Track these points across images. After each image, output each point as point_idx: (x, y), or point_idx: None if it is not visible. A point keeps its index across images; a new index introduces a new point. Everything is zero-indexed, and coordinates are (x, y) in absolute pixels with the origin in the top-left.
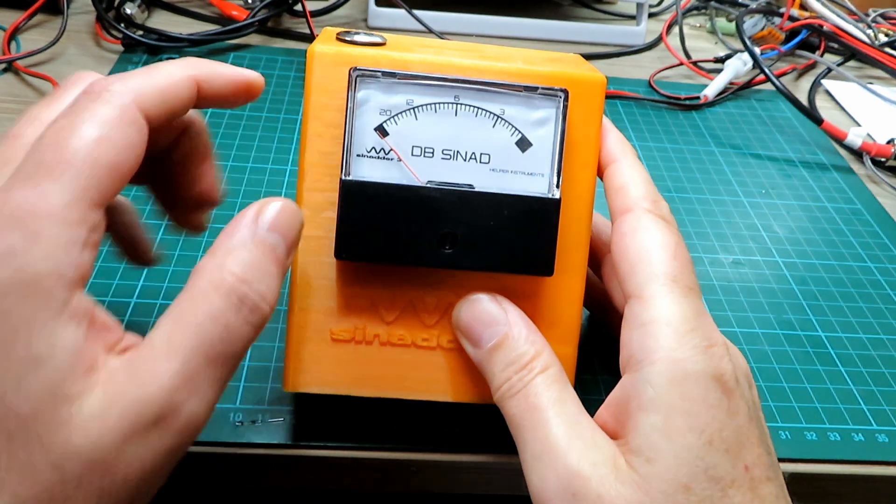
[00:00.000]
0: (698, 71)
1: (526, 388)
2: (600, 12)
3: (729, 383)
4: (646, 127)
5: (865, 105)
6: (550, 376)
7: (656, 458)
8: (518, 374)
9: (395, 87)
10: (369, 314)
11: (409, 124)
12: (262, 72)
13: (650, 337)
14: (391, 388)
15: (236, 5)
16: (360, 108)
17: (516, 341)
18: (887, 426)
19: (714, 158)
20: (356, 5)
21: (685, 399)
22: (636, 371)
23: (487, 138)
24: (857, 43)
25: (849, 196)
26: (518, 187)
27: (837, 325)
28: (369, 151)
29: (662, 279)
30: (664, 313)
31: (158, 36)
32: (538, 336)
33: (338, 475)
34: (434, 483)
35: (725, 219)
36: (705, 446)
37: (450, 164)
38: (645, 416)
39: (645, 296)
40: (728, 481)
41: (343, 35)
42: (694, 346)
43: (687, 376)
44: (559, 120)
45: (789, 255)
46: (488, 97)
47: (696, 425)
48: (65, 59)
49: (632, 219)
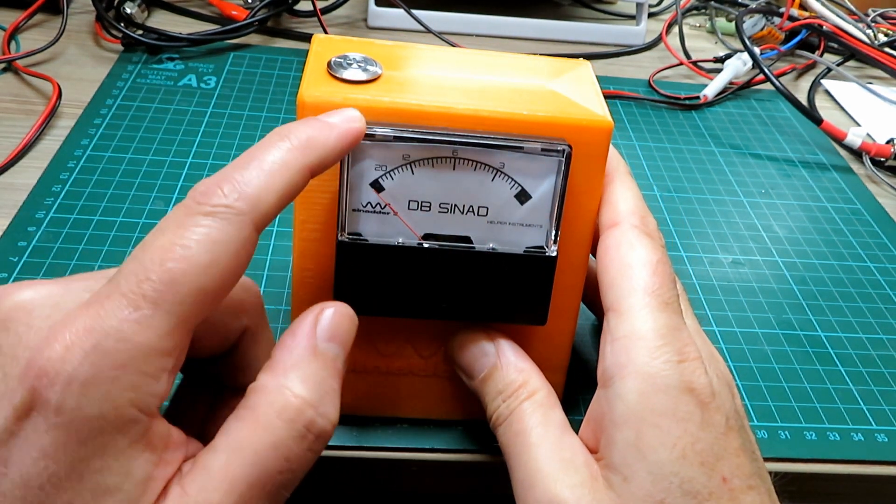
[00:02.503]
0: (698, 71)
1: (512, 415)
2: (600, 12)
3: (702, 395)
4: (646, 127)
5: (865, 105)
6: (536, 401)
7: (631, 475)
8: (506, 402)
9: (391, 144)
10: (367, 349)
11: (406, 178)
12: (261, 72)
13: (623, 352)
14: (389, 409)
15: (236, 5)
16: (355, 164)
17: (505, 371)
18: (887, 426)
19: (714, 158)
20: (356, 5)
21: (655, 413)
22: (609, 386)
23: (486, 191)
24: (857, 43)
25: (848, 196)
26: (515, 240)
27: (837, 325)
28: (365, 206)
29: (640, 293)
30: (638, 328)
31: (158, 35)
32: (527, 364)
33: (338, 475)
34: (434, 483)
35: (725, 219)
36: (678, 460)
37: (447, 217)
38: (618, 432)
39: (621, 309)
40: (705, 494)
41: (335, 69)
42: (665, 360)
43: (657, 390)
44: (560, 175)
45: (789, 255)
46: (488, 152)
47: (667, 440)
48: (65, 59)
49: (618, 233)
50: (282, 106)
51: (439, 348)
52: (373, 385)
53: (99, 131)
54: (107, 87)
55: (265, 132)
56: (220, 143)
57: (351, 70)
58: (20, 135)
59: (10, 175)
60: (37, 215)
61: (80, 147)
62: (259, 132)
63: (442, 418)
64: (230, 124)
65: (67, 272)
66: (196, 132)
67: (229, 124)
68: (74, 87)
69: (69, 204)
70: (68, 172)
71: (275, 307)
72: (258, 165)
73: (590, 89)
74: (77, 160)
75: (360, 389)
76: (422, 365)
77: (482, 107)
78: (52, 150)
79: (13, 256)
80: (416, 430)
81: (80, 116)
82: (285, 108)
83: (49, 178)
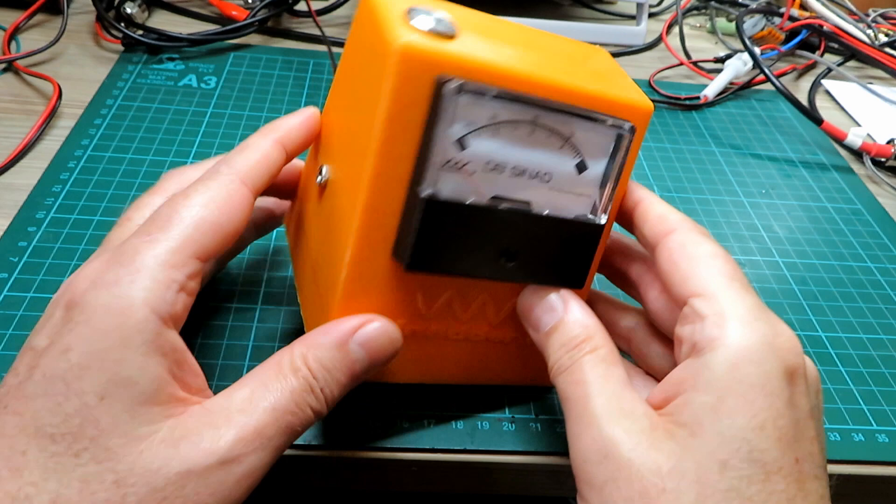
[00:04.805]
0: (698, 71)
1: (573, 366)
2: (600, 12)
3: (794, 375)
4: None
5: (865, 105)
6: (599, 356)
7: (699, 432)
8: (569, 353)
9: (481, 102)
10: (410, 310)
11: (489, 140)
12: (261, 72)
13: (715, 326)
14: (419, 375)
15: (236, 5)
16: (445, 120)
17: (570, 325)
18: (887, 426)
19: (714, 158)
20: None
21: (743, 384)
22: (698, 356)
23: (552, 159)
24: (857, 43)
25: (849, 196)
26: (569, 207)
27: (837, 325)
28: (446, 164)
29: (723, 278)
30: (729, 306)
31: (158, 35)
32: (592, 321)
33: (338, 475)
34: (435, 483)
35: (725, 219)
36: (755, 430)
37: (515, 181)
38: (698, 396)
39: (707, 293)
40: (774, 468)
41: (413, 17)
42: (761, 335)
43: (750, 362)
44: (621, 149)
45: (789, 255)
46: (563, 120)
47: (749, 410)
48: (65, 59)
49: (680, 235)
50: (282, 106)
51: (476, 312)
52: (407, 351)
53: (99, 131)
54: (107, 87)
55: None
56: (221, 144)
57: (426, 20)
58: (20, 135)
59: (10, 175)
60: (37, 215)
61: (81, 147)
62: None
63: (466, 383)
64: (230, 124)
65: (68, 273)
66: (196, 132)
67: (230, 124)
68: (75, 88)
69: (69, 204)
70: (68, 172)
71: (275, 307)
72: (241, 151)
73: (622, 74)
74: (77, 160)
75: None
76: (456, 329)
77: (559, 78)
78: (53, 150)
79: (13, 256)
80: (416, 430)
81: (81, 116)
82: (285, 109)
83: (49, 179)
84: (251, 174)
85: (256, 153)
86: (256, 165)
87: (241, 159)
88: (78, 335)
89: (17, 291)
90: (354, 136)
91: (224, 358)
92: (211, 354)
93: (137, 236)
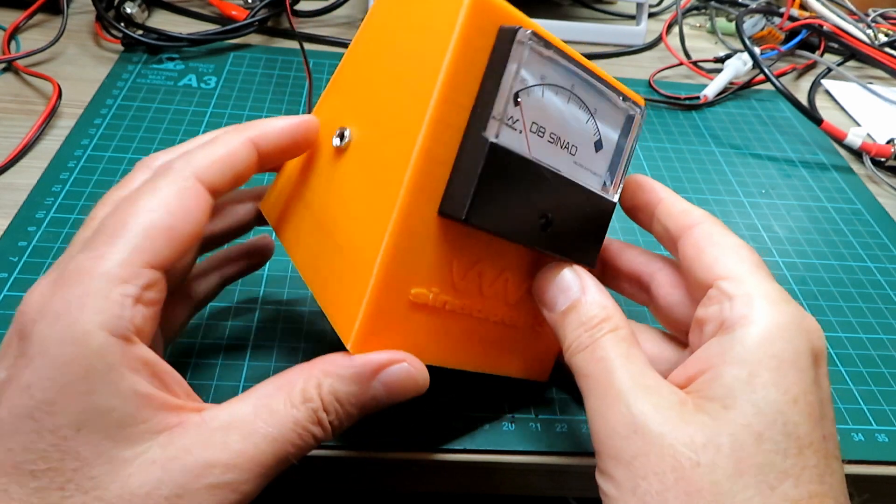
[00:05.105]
0: (698, 71)
1: (594, 343)
2: (600, 12)
3: (819, 356)
4: (646, 127)
5: (865, 105)
6: (619, 335)
7: (733, 405)
8: (588, 332)
9: (535, 59)
10: (445, 278)
11: (536, 99)
12: (261, 72)
13: (745, 305)
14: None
15: (236, 5)
16: (509, 67)
17: (588, 305)
18: (887, 426)
19: (714, 158)
20: (356, 5)
21: (776, 358)
22: (728, 333)
23: (579, 132)
24: (857, 43)
25: (849, 196)
26: (587, 182)
27: (837, 325)
28: (499, 115)
29: (750, 265)
30: (758, 288)
31: (158, 35)
32: (610, 302)
33: (337, 475)
34: (435, 483)
35: (725, 219)
36: (790, 403)
37: (550, 147)
38: (729, 370)
39: (734, 276)
40: (806, 442)
41: None
42: (791, 314)
43: (781, 338)
44: (632, 130)
45: (789, 255)
46: (592, 93)
47: (782, 383)
48: (65, 59)
49: (706, 226)
50: (282, 106)
51: (500, 288)
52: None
53: (99, 131)
54: (107, 87)
55: None
56: None
57: None
58: (20, 135)
59: (10, 175)
60: (37, 215)
61: (81, 147)
62: None
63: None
64: (230, 124)
65: None
66: (196, 132)
67: (230, 124)
68: (74, 87)
69: (69, 204)
70: (68, 172)
71: (274, 308)
72: (206, 143)
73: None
74: (77, 160)
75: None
76: (479, 305)
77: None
78: (53, 150)
79: (13, 256)
80: (416, 430)
81: (81, 116)
82: (285, 109)
83: (49, 178)
84: (210, 172)
85: (221, 149)
86: (218, 162)
87: (202, 155)
88: (35, 371)
89: (17, 291)
90: (399, 91)
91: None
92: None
93: (84, 252)
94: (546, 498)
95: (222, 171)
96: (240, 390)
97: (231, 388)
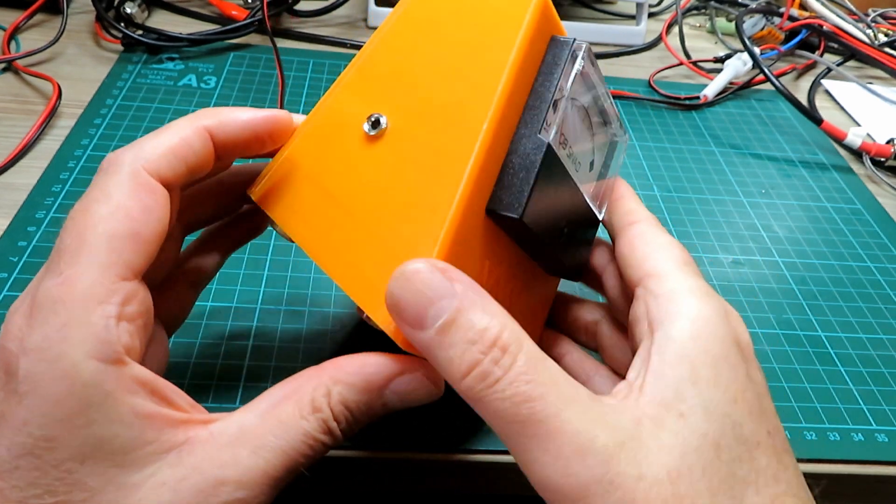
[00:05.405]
0: (698, 71)
1: (508, 375)
2: (600, 12)
3: (746, 350)
4: (646, 127)
5: (865, 105)
6: (531, 355)
7: (688, 411)
8: (489, 355)
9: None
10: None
11: (570, 110)
12: (261, 72)
13: (671, 302)
14: None
15: (236, 5)
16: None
17: (472, 315)
18: (887, 426)
19: (714, 158)
20: (356, 5)
21: (708, 354)
22: (657, 331)
23: (583, 149)
24: (857, 43)
25: (849, 196)
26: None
27: (837, 325)
28: (551, 121)
29: (677, 262)
30: (681, 284)
31: (158, 35)
32: (495, 305)
33: (337, 475)
34: (434, 483)
35: (725, 219)
36: (731, 403)
37: (568, 159)
38: (671, 369)
39: (661, 273)
40: (753, 443)
41: None
42: (714, 309)
43: (708, 335)
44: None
45: (789, 255)
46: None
47: (720, 381)
48: (65, 59)
49: (643, 226)
50: (282, 106)
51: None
52: None
53: (99, 131)
54: (107, 87)
55: None
56: None
57: None
58: (20, 135)
59: (10, 175)
60: (37, 215)
61: (81, 147)
62: None
63: None
64: None
65: None
66: None
67: None
68: (74, 87)
69: (69, 204)
70: (68, 172)
71: (275, 307)
72: (154, 133)
73: None
74: (77, 160)
75: None
76: None
77: None
78: (52, 149)
79: (13, 256)
80: (416, 430)
81: (81, 116)
82: (286, 109)
83: (49, 178)
84: (161, 163)
85: (172, 137)
86: (168, 153)
87: (150, 146)
88: (29, 408)
89: (17, 291)
90: (455, 85)
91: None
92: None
93: (49, 276)
94: None
95: (175, 160)
96: (240, 390)
97: (231, 388)
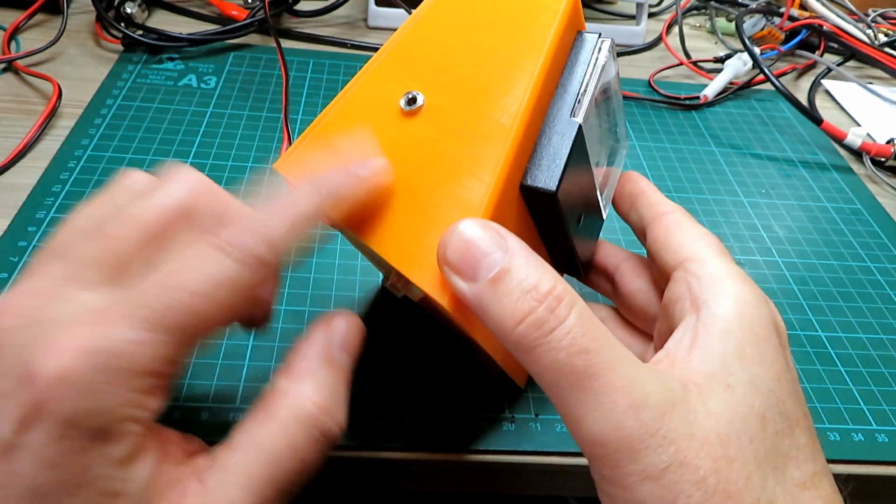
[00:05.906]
0: (698, 71)
1: (564, 325)
2: (600, 12)
3: (783, 336)
4: (646, 127)
5: (865, 105)
6: (585, 310)
7: (735, 383)
8: (545, 303)
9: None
10: None
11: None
12: (261, 72)
13: (715, 283)
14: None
15: (236, 5)
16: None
17: (526, 267)
18: (887, 426)
19: (714, 158)
20: (356, 5)
21: (753, 333)
22: (701, 309)
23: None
24: (857, 43)
25: (849, 196)
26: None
27: (837, 325)
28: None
29: (714, 249)
30: (724, 269)
31: (158, 35)
32: (546, 263)
33: (338, 475)
34: (435, 483)
35: (725, 219)
36: (775, 380)
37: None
38: (719, 343)
39: (702, 258)
40: (794, 420)
41: None
42: (756, 293)
43: (753, 316)
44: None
45: (789, 255)
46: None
47: (765, 360)
48: (65, 59)
49: (676, 215)
50: (282, 106)
51: None
52: None
53: (99, 131)
54: (107, 87)
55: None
56: (221, 143)
57: None
58: (20, 135)
59: (10, 175)
60: (37, 215)
61: (81, 147)
62: (259, 132)
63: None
64: (230, 124)
65: None
66: (196, 132)
67: (229, 124)
68: (74, 87)
69: (69, 204)
70: (68, 172)
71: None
72: (285, 215)
73: None
74: (77, 160)
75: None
76: None
77: None
78: (53, 150)
79: (13, 256)
80: (416, 430)
81: (81, 116)
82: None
83: (49, 178)
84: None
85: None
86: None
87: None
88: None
89: None
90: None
91: None
92: None
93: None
94: (546, 498)
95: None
96: (240, 390)
97: (231, 388)
